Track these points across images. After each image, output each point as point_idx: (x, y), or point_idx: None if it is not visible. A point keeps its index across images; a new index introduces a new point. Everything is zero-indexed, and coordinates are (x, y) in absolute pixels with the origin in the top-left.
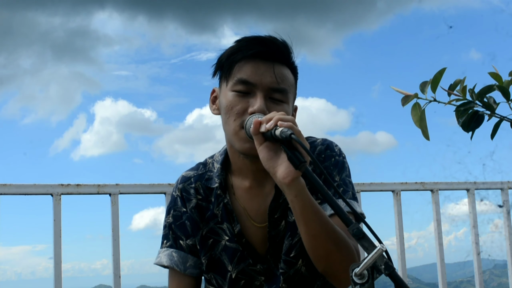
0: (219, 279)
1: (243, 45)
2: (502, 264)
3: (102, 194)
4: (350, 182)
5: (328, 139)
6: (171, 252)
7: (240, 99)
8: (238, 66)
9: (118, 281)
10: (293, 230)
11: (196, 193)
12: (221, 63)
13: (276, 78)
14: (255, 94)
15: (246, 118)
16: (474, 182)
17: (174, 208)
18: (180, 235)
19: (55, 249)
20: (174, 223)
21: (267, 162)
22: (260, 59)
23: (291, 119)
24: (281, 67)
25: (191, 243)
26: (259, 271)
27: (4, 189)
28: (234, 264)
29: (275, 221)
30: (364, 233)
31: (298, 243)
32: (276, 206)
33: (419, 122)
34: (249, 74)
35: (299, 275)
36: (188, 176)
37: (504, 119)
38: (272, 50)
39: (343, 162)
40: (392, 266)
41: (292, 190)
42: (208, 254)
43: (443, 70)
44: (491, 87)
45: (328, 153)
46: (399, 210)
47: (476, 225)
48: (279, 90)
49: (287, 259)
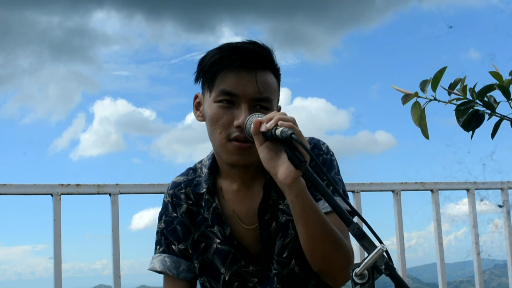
0: (212, 282)
1: (225, 55)
2: (502, 264)
3: (102, 194)
4: (340, 180)
5: (316, 138)
6: (164, 257)
7: (225, 111)
8: (220, 76)
9: (118, 281)
10: (284, 231)
11: (187, 198)
12: (203, 70)
13: (259, 87)
14: (239, 105)
15: (232, 132)
16: (474, 182)
17: (165, 213)
18: (172, 240)
19: (55, 249)
20: (166, 229)
21: (268, 163)
22: (243, 68)
23: (291, 119)
24: (264, 74)
25: (183, 248)
26: (251, 273)
27: (4, 189)
28: (227, 267)
29: (266, 222)
30: (365, 233)
31: (290, 243)
32: (266, 207)
33: (418, 121)
34: (232, 86)
35: (293, 275)
36: (178, 181)
37: (505, 118)
38: (254, 59)
39: (331, 160)
40: (393, 266)
41: (293, 190)
42: (200, 258)
43: (444, 69)
44: (491, 86)
45: (315, 152)
46: (399, 210)
47: (476, 225)
48: (262, 99)
49: (280, 260)
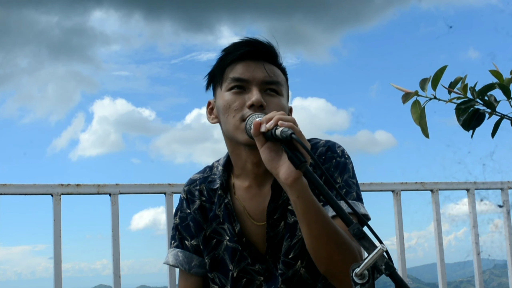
0: (222, 278)
1: (231, 49)
2: (502, 264)
3: (102, 194)
4: (354, 183)
5: (332, 140)
6: (177, 252)
7: (236, 96)
8: (229, 68)
9: (118, 281)
10: (292, 231)
11: (200, 194)
12: (213, 73)
13: (267, 72)
14: (251, 89)
15: (245, 112)
16: (474, 182)
17: (180, 210)
18: (186, 235)
19: (55, 249)
20: (180, 224)
21: (269, 163)
22: (250, 58)
23: (291, 119)
24: (271, 65)
25: (195, 243)
26: (258, 271)
27: (4, 189)
28: (235, 263)
29: (274, 222)
30: (365, 233)
31: (297, 245)
32: (275, 207)
33: (418, 120)
34: (241, 72)
35: (298, 277)
36: (194, 178)
37: (505, 118)
38: (260, 49)
39: (345, 163)
40: (393, 266)
41: (294, 190)
42: (212, 254)
43: (444, 67)
44: (492, 85)
45: (329, 154)
46: (399, 210)
47: (476, 225)
48: (272, 82)
49: (286, 260)
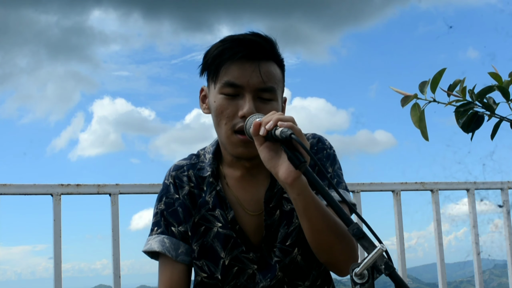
0: (211, 265)
1: (228, 47)
2: (502, 264)
3: (102, 194)
4: (342, 174)
5: (318, 134)
6: (163, 238)
7: (229, 102)
8: (224, 68)
9: (118, 281)
10: (289, 219)
11: (189, 180)
12: (207, 63)
13: (262, 78)
14: (244, 96)
15: (236, 122)
16: (474, 182)
17: (166, 195)
18: (172, 221)
19: (55, 249)
20: (166, 210)
21: (268, 163)
22: (246, 59)
23: (290, 119)
24: (267, 64)
25: (183, 230)
26: (251, 259)
27: (4, 189)
28: (227, 251)
29: (270, 210)
30: (364, 233)
31: (294, 232)
32: (271, 195)
33: (418, 123)
34: (236, 77)
35: (295, 264)
36: (181, 164)
37: (504, 119)
38: (257, 49)
39: (334, 155)
40: (392, 266)
41: (294, 189)
42: (200, 241)
43: (443, 70)
44: (491, 87)
45: (320, 145)
46: (399, 210)
47: (476, 225)
48: (266, 90)
49: (283, 248)
